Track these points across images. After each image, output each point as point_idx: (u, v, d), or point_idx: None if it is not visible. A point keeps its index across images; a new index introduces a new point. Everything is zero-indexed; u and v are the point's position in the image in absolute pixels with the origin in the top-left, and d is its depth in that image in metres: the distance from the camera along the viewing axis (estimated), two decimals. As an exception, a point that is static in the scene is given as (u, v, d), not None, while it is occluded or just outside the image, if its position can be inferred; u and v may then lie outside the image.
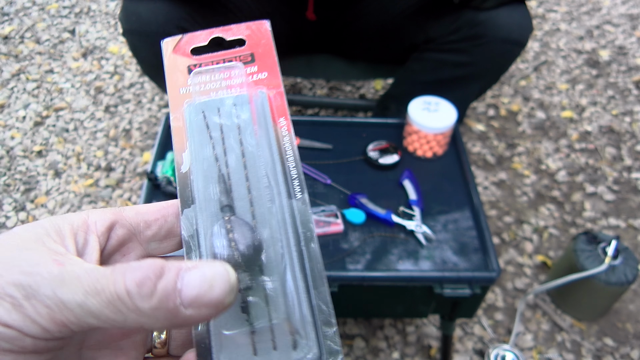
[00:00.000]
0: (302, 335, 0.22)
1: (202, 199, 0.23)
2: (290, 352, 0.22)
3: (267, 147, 0.25)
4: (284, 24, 1.08)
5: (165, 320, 0.18)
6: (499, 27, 0.91)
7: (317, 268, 0.23)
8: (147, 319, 0.18)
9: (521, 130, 1.50)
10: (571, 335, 1.04)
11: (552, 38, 1.87)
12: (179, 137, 0.26)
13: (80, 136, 1.45)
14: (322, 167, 0.85)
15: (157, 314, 0.18)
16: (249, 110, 0.25)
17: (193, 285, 0.18)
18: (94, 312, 0.17)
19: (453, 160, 0.88)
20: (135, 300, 0.17)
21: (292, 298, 0.22)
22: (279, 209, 0.24)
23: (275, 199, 0.24)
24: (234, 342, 0.22)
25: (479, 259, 0.73)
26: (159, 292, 0.17)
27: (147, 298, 0.17)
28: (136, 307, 0.17)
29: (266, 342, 0.22)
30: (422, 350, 1.01)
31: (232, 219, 0.22)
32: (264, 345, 0.22)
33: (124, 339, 0.22)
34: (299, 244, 0.23)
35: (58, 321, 0.17)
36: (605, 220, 1.26)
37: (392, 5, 1.02)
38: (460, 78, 1.00)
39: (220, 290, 0.18)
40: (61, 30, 1.85)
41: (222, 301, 0.18)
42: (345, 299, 0.74)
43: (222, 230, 0.22)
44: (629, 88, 1.65)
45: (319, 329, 0.22)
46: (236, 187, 0.23)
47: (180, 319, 0.18)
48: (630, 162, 1.41)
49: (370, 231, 0.76)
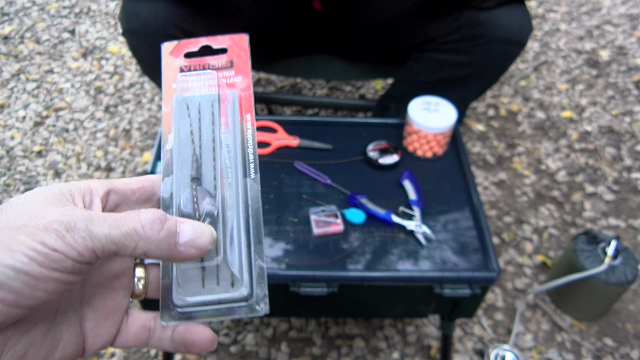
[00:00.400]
0: (238, 278, 0.29)
1: (179, 171, 0.31)
2: (229, 288, 0.29)
3: (233, 135, 0.32)
4: (285, 24, 1.08)
5: (165, 252, 0.26)
6: (499, 27, 0.91)
7: (258, 232, 0.30)
8: (153, 247, 0.25)
9: (521, 130, 1.50)
10: (571, 335, 1.04)
11: (552, 38, 1.87)
12: (167, 121, 0.33)
13: (80, 136, 1.45)
14: (322, 167, 0.85)
15: (161, 245, 0.25)
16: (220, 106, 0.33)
17: (188, 232, 0.26)
18: (116, 241, 0.24)
19: (453, 160, 0.88)
20: (147, 232, 0.25)
21: (235, 248, 0.30)
22: (235, 184, 0.31)
23: (233, 176, 0.31)
24: (188, 276, 0.29)
25: (479, 259, 0.73)
26: (165, 229, 0.25)
27: (157, 232, 0.25)
28: (147, 237, 0.25)
29: (212, 279, 0.29)
30: (422, 350, 1.01)
31: (197, 188, 0.30)
32: (211, 281, 0.29)
33: (115, 281, 0.29)
34: (246, 212, 0.31)
35: (89, 248, 0.24)
36: (605, 220, 1.26)
37: (391, 5, 1.02)
38: (460, 78, 1.00)
39: (206, 239, 0.26)
40: (61, 30, 1.85)
41: (206, 247, 0.26)
42: (345, 299, 0.74)
43: (189, 195, 0.29)
44: (629, 88, 1.65)
45: (253, 274, 0.30)
46: (205, 165, 0.31)
47: (175, 253, 0.26)
48: (630, 162, 1.41)
49: (370, 231, 0.76)
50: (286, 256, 0.72)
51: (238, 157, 0.32)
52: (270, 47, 1.13)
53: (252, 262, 0.30)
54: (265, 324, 1.04)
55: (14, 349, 0.24)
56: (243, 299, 0.29)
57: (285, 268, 0.71)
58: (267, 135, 0.90)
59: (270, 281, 0.69)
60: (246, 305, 0.29)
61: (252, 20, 1.02)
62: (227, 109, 0.33)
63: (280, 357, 0.99)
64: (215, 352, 1.00)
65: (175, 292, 0.29)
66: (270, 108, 1.52)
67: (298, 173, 0.85)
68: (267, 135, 0.90)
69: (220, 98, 0.33)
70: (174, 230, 0.26)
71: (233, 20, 0.99)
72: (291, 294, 0.69)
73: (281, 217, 0.77)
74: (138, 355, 0.99)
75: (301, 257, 0.72)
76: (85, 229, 0.24)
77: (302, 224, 0.77)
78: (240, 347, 1.00)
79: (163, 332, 0.29)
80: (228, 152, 0.32)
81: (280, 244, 0.74)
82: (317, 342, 1.02)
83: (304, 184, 0.83)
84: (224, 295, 0.29)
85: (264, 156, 0.87)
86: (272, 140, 0.89)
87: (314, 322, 1.05)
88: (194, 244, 0.26)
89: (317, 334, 1.03)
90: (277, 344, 1.01)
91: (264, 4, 1.03)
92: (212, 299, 0.29)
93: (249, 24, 1.02)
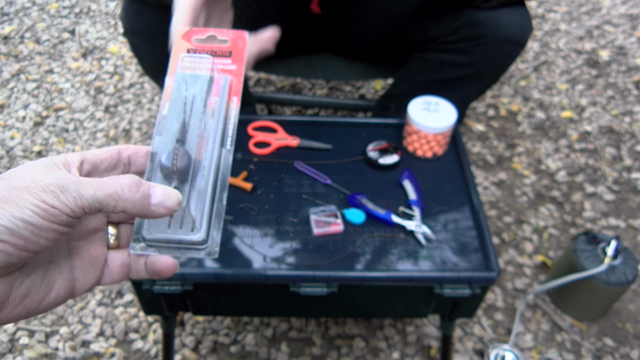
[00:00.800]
0: (197, 225, 0.36)
1: (167, 133, 0.36)
2: (189, 232, 0.36)
3: (218, 112, 0.39)
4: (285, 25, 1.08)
5: (139, 210, 0.32)
6: (499, 27, 0.91)
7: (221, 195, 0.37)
8: (130, 206, 0.31)
9: (521, 130, 1.50)
10: (571, 335, 1.04)
11: (552, 38, 1.87)
12: (167, 92, 0.38)
13: (80, 136, 1.45)
14: (322, 167, 0.85)
15: (136, 205, 0.32)
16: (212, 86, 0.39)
17: (158, 195, 0.32)
18: (100, 200, 0.30)
19: (453, 160, 0.88)
20: (125, 193, 0.31)
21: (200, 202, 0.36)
22: (211, 151, 0.37)
23: (212, 144, 0.38)
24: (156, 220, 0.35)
25: (479, 259, 0.73)
26: (140, 192, 0.31)
27: (134, 194, 0.31)
28: (125, 198, 0.31)
29: (177, 223, 0.36)
30: (422, 350, 1.01)
31: (180, 148, 0.36)
32: (175, 224, 0.36)
33: (94, 235, 0.36)
34: (217, 173, 0.37)
35: (79, 206, 0.29)
36: (605, 220, 1.26)
37: (391, 5, 1.02)
38: (460, 78, 1.00)
39: (173, 201, 0.33)
40: (61, 30, 1.85)
41: (173, 207, 0.33)
42: (345, 299, 0.74)
43: (171, 153, 0.35)
44: (629, 88, 1.65)
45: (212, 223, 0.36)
46: (190, 131, 0.36)
47: (148, 211, 0.32)
48: (630, 162, 1.41)
49: (370, 231, 0.76)
50: (286, 256, 0.72)
51: (219, 130, 0.38)
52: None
53: (212, 216, 0.36)
54: (265, 324, 1.04)
55: (20, 288, 0.30)
56: (199, 243, 0.36)
57: (285, 268, 0.71)
58: (267, 135, 0.90)
59: (270, 281, 0.69)
60: (202, 249, 0.36)
61: (253, 21, 1.02)
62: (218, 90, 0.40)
63: (280, 357, 0.99)
64: (215, 352, 1.00)
65: (145, 229, 0.36)
66: (270, 108, 1.52)
67: (298, 173, 0.85)
68: (267, 135, 0.90)
69: (214, 80, 0.39)
70: (147, 192, 0.32)
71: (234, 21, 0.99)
72: (291, 294, 0.69)
73: (281, 217, 0.77)
74: (138, 355, 0.99)
75: (301, 257, 0.72)
76: (75, 191, 0.29)
77: (302, 224, 0.77)
78: (240, 347, 1.00)
79: (138, 265, 0.36)
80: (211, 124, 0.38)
81: (280, 244, 0.74)
82: (317, 342, 1.02)
83: (304, 184, 0.83)
84: (184, 237, 0.36)
85: (264, 156, 0.87)
86: (272, 140, 0.89)
87: (314, 322, 1.05)
88: (164, 204, 0.32)
89: (317, 334, 1.03)
90: (277, 344, 1.01)
91: (265, 5, 1.03)
92: (174, 237, 0.35)
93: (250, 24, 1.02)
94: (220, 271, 0.68)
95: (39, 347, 0.99)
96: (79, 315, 1.05)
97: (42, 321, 1.04)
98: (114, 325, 1.03)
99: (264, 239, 0.74)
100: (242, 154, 0.87)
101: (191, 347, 1.00)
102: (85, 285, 0.35)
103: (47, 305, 0.32)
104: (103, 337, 1.02)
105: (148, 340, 1.01)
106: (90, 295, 1.08)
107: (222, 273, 0.68)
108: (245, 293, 0.73)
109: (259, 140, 0.89)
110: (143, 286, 0.68)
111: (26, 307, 0.31)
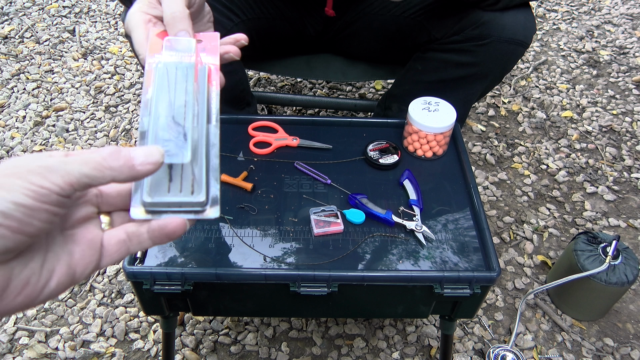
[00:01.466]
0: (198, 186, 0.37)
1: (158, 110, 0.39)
2: (189, 195, 0.37)
3: (201, 93, 0.42)
4: (287, 26, 1.08)
5: (127, 174, 0.33)
6: (503, 28, 0.91)
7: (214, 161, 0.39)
8: (117, 173, 0.32)
9: (521, 130, 1.50)
10: (571, 335, 1.04)
11: (552, 38, 1.87)
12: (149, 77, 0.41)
13: (80, 136, 1.45)
14: (322, 167, 0.85)
15: (123, 170, 0.33)
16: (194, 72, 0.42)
17: (140, 154, 0.33)
18: (87, 174, 0.31)
19: (453, 160, 0.88)
20: (109, 161, 0.32)
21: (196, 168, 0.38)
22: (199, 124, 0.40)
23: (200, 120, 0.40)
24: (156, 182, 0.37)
25: (479, 259, 0.73)
26: (122, 156, 0.33)
27: (117, 159, 0.32)
28: (110, 166, 0.32)
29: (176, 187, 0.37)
30: (422, 350, 1.01)
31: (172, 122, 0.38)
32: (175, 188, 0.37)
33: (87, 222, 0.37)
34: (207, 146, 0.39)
35: (67, 182, 0.31)
36: (605, 220, 1.25)
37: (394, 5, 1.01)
38: (464, 78, 1.00)
39: (156, 155, 0.34)
40: (61, 30, 1.85)
41: (158, 160, 0.34)
42: (345, 299, 0.74)
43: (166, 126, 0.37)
44: (629, 88, 1.65)
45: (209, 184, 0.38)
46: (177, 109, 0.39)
47: (135, 172, 0.33)
48: (631, 162, 1.41)
49: (370, 231, 0.76)
50: (286, 256, 0.72)
51: (203, 108, 0.41)
52: (271, 48, 1.13)
53: (208, 179, 0.38)
54: (266, 324, 1.04)
55: (19, 277, 0.31)
56: (200, 204, 0.37)
57: (285, 268, 0.71)
58: (267, 135, 0.90)
59: (270, 281, 0.69)
60: (201, 210, 0.37)
61: (255, 22, 1.02)
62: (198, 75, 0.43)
63: (280, 357, 0.99)
64: (216, 352, 1.00)
65: (145, 194, 0.36)
66: (270, 108, 1.52)
67: (298, 173, 0.85)
68: (267, 135, 0.90)
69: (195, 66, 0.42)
70: (129, 155, 0.33)
71: (236, 22, 0.99)
72: (291, 294, 0.69)
73: (281, 217, 0.77)
74: (138, 355, 0.99)
75: (301, 257, 0.72)
76: (62, 169, 0.31)
77: (302, 224, 0.77)
78: (240, 347, 1.00)
79: (139, 235, 0.37)
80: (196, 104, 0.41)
81: (280, 244, 0.74)
82: (317, 342, 1.02)
83: (304, 184, 0.83)
84: (185, 199, 0.37)
85: (264, 156, 0.87)
86: (272, 140, 0.89)
87: (314, 322, 1.05)
88: (148, 161, 0.34)
89: (317, 334, 1.03)
90: (277, 343, 1.01)
91: (267, 6, 1.03)
92: (175, 200, 0.36)
93: (252, 25, 1.02)
94: (221, 271, 0.68)
95: (39, 347, 0.99)
96: (79, 315, 1.05)
97: (42, 321, 1.04)
98: (114, 325, 1.03)
99: (264, 239, 0.74)
100: (242, 154, 0.87)
101: (191, 347, 1.00)
102: (86, 269, 0.35)
103: (49, 293, 0.33)
104: (103, 337, 1.02)
105: (148, 340, 1.01)
106: (90, 295, 1.08)
107: (222, 273, 0.68)
108: (245, 293, 0.73)
109: (259, 140, 0.89)
110: (143, 286, 0.68)
111: (28, 296, 0.32)
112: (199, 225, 0.75)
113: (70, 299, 1.08)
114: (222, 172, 0.82)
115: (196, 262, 0.71)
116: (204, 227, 0.75)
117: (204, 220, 0.68)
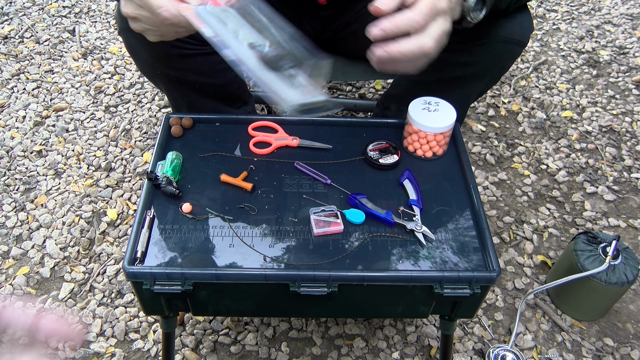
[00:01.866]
0: (319, 87, 0.43)
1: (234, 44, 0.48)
2: (317, 93, 0.43)
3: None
4: None
5: None
6: (501, 27, 0.91)
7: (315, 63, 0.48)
8: None
9: (521, 130, 1.50)
10: (571, 335, 1.04)
11: (552, 38, 1.87)
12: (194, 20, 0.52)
13: (80, 136, 1.45)
14: (322, 167, 0.85)
15: None
16: None
17: None
18: None
19: (453, 160, 0.88)
20: None
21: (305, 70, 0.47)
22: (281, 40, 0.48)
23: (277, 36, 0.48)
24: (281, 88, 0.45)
25: (479, 259, 0.73)
26: None
27: None
28: None
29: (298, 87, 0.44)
30: (422, 350, 1.01)
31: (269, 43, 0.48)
32: (300, 88, 0.46)
33: None
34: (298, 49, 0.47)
35: None
36: (605, 220, 1.26)
37: None
38: (461, 78, 1.00)
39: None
40: (61, 30, 1.85)
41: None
42: (345, 299, 0.74)
43: (269, 49, 0.50)
44: (629, 88, 1.65)
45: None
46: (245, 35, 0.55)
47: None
48: (631, 162, 1.41)
49: (370, 231, 0.76)
50: (286, 256, 0.72)
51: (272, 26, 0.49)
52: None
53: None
54: (266, 323, 1.04)
55: None
56: (324, 101, 0.43)
57: (285, 268, 0.71)
58: (267, 135, 0.90)
59: (270, 281, 0.69)
60: (322, 103, 0.45)
61: None
62: None
63: (280, 357, 0.99)
64: (216, 352, 1.00)
65: (282, 101, 0.43)
66: (271, 108, 1.52)
67: (298, 173, 0.85)
68: (267, 135, 0.90)
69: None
70: None
71: None
72: (291, 294, 0.69)
73: (281, 217, 0.77)
74: (138, 355, 0.99)
75: (301, 257, 0.72)
76: None
77: (302, 224, 0.77)
78: (240, 346, 1.00)
79: None
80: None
81: (280, 244, 0.74)
82: (317, 342, 1.02)
83: (304, 184, 0.83)
84: (320, 98, 0.45)
85: (264, 156, 0.87)
86: (272, 140, 0.89)
87: (314, 322, 1.05)
88: None
89: (317, 334, 1.03)
90: (277, 343, 1.01)
91: None
92: (309, 101, 0.44)
93: None
94: (221, 271, 0.68)
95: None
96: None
97: (42, 321, 1.04)
98: (114, 325, 1.03)
99: (264, 239, 0.74)
100: (242, 154, 0.87)
101: (191, 347, 1.00)
102: None
103: None
104: (103, 337, 1.02)
105: (148, 340, 1.01)
106: (90, 295, 1.08)
107: (222, 273, 0.68)
108: (245, 293, 0.73)
109: (259, 140, 0.89)
110: (143, 286, 0.68)
111: None
112: (199, 225, 0.75)
113: (70, 299, 1.08)
114: (222, 172, 0.82)
115: (196, 262, 0.71)
116: (204, 227, 0.75)
117: None
